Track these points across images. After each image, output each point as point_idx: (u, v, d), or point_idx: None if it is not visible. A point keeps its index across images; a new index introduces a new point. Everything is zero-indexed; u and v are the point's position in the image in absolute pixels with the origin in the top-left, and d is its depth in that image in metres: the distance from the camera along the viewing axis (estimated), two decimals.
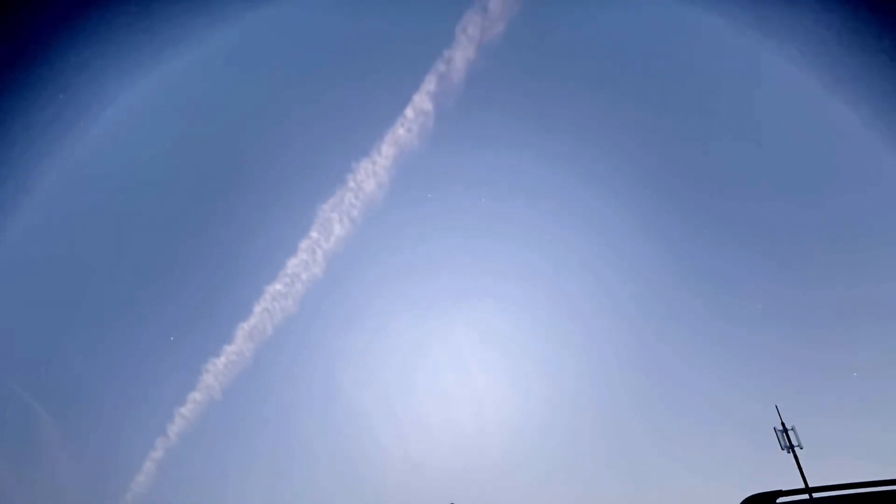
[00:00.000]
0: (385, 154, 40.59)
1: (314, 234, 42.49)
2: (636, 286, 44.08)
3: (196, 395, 40.41)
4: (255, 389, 47.42)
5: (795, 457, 21.52)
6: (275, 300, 42.56)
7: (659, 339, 42.83)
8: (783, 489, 3.55)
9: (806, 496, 3.55)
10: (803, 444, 21.74)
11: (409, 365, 48.79)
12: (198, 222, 47.75)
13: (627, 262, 44.87)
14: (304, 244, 43.07)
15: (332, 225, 42.28)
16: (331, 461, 46.74)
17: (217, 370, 40.81)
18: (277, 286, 42.81)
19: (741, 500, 3.54)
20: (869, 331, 37.30)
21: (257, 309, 42.60)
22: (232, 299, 48.03)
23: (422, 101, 38.96)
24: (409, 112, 39.46)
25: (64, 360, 41.48)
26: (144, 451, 39.63)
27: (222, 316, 47.58)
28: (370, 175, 41.11)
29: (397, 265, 48.52)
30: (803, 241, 40.89)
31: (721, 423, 37.74)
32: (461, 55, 39.81)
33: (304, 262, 42.70)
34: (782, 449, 21.92)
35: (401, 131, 40.58)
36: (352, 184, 41.58)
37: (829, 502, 3.43)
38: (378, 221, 46.10)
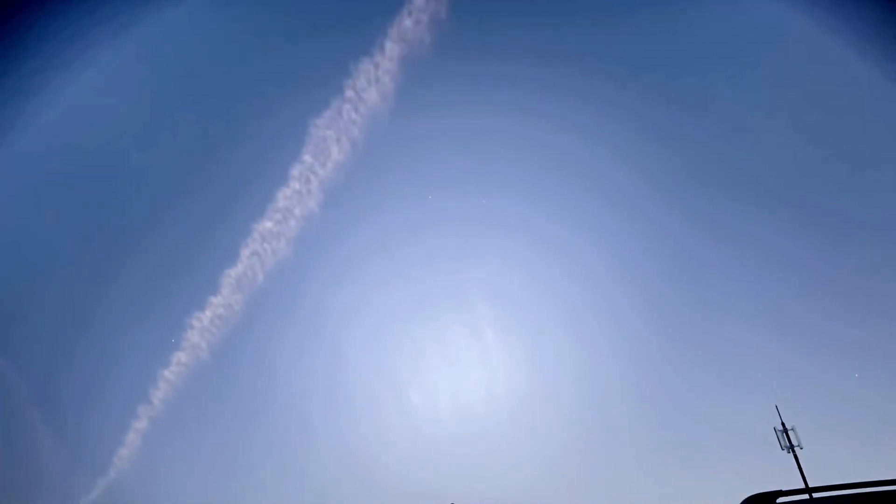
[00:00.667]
0: (389, 54, 32.49)
1: (307, 159, 34.42)
2: (636, 285, 44.09)
3: (181, 356, 34.88)
4: (245, 348, 40.89)
5: (795, 457, 21.52)
6: (264, 241, 35.27)
7: (658, 339, 42.80)
8: (783, 489, 3.55)
9: (806, 496, 3.55)
10: (803, 445, 21.77)
11: (417, 324, 42.26)
12: (170, 150, 37.63)
13: (629, 261, 44.90)
14: (295, 171, 34.87)
15: (328, 147, 34.00)
16: (330, 431, 41.51)
17: (202, 326, 34.86)
18: (267, 224, 35.44)
19: (741, 501, 3.55)
20: (870, 331, 37.32)
21: (245, 253, 35.48)
22: (215, 241, 39.91)
23: None
24: None
25: (36, 322, 36.19)
26: (127, 421, 34.59)
27: (205, 262, 39.84)
28: (371, 82, 32.96)
29: (410, 198, 39.80)
30: (805, 241, 40.90)
31: (721, 423, 37.71)
32: None
33: (296, 194, 34.89)
34: (782, 449, 21.93)
35: (407, 22, 32.34)
36: (350, 93, 33.56)
37: (829, 502, 3.44)
38: (384, 142, 36.31)
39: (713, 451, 36.01)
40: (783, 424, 22.09)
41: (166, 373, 34.78)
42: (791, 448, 21.69)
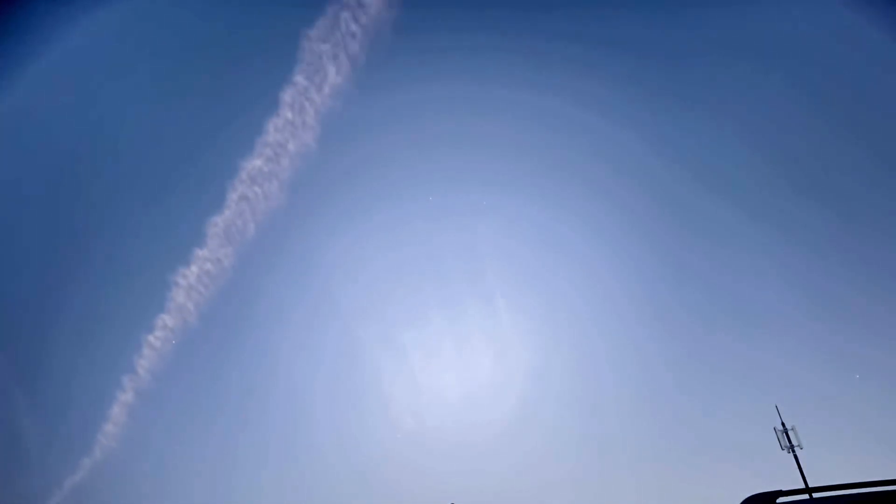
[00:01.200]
0: None
1: (300, 81, 27.97)
2: (636, 285, 44.09)
3: (166, 319, 30.84)
4: (237, 310, 36.33)
5: (795, 457, 21.52)
6: (254, 183, 29.97)
7: (659, 341, 42.80)
8: (783, 489, 3.55)
9: (806, 496, 3.55)
10: (803, 445, 21.77)
11: (424, 288, 37.47)
12: (143, 76, 30.75)
13: (629, 261, 44.91)
14: (287, 96, 28.52)
15: (323, 66, 27.32)
16: (330, 401, 38.38)
17: (189, 284, 30.61)
18: (256, 162, 29.85)
19: (741, 501, 3.54)
20: (873, 332, 37.33)
21: (232, 197, 30.20)
22: (198, 183, 34.06)
23: None
24: None
25: (8, 289, 32.61)
26: (111, 393, 31.19)
27: (188, 208, 35.03)
28: None
29: (421, 131, 33.18)
30: (807, 242, 40.90)
31: (722, 423, 37.68)
32: None
33: (289, 126, 28.83)
34: (782, 449, 21.93)
35: None
36: None
37: (829, 502, 3.43)
38: (391, 60, 29.40)
39: (713, 451, 36.01)
40: (783, 424, 22.09)
41: (151, 338, 30.99)
42: (791, 448, 21.70)
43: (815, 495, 3.53)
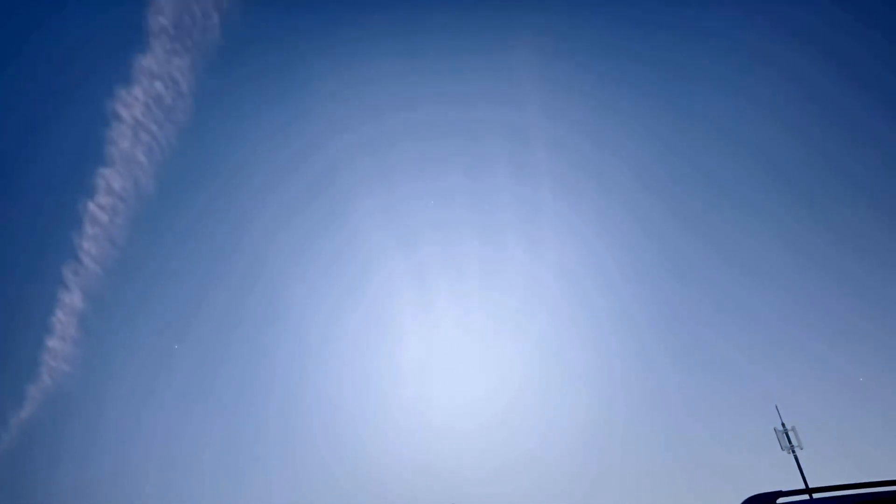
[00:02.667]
0: None
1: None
2: (636, 285, 44.04)
3: (108, 177, 19.17)
4: (200, 163, 24.59)
5: (795, 457, 21.50)
6: None
7: (658, 340, 42.78)
8: (783, 489, 3.54)
9: (806, 496, 3.54)
10: (803, 445, 21.74)
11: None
12: None
13: (630, 261, 44.86)
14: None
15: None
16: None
17: (134, 119, 19.40)
18: None
19: (741, 501, 3.54)
20: (876, 334, 37.33)
21: None
22: None
23: None
24: None
25: None
26: (49, 291, 20.01)
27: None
28: None
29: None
30: (809, 242, 40.86)
31: (722, 423, 37.67)
32: None
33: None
34: (782, 449, 21.90)
35: None
36: None
37: (829, 502, 3.43)
38: None
39: (713, 451, 35.99)
40: (783, 425, 22.06)
41: (93, 207, 20.41)
42: (791, 448, 21.67)
43: (815, 495, 3.53)
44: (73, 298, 18.39)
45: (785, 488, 3.52)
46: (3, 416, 19.95)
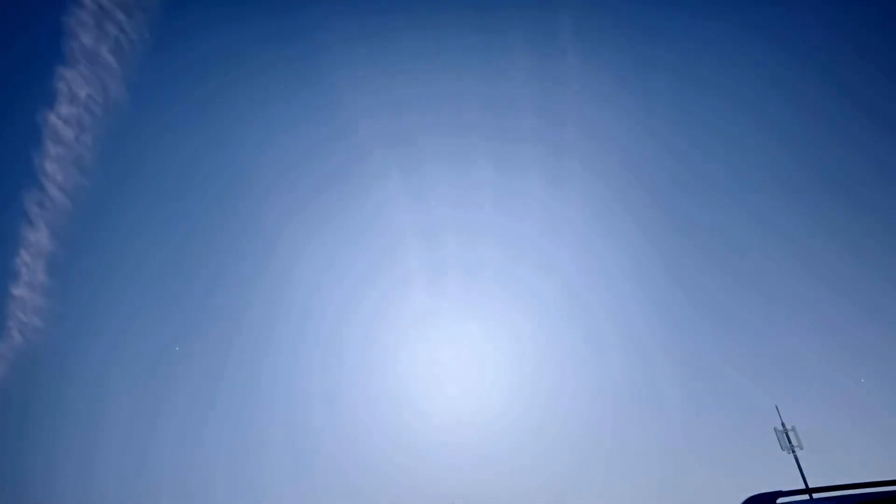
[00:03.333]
0: None
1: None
2: (637, 285, 44.05)
3: (72, 79, 16.52)
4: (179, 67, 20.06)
5: (795, 457, 21.48)
6: None
7: (658, 340, 42.76)
8: (783, 489, 3.53)
9: (806, 496, 3.54)
10: (804, 445, 21.72)
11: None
12: None
13: (631, 261, 44.88)
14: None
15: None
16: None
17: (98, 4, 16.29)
18: None
19: (741, 501, 3.53)
20: (874, 333, 37.33)
21: None
22: None
23: None
24: None
25: None
26: (11, 231, 17.21)
27: None
28: None
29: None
30: (810, 242, 40.88)
31: (722, 423, 37.66)
32: None
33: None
34: (782, 449, 21.87)
35: None
36: None
37: (829, 503, 3.42)
38: None
39: (713, 451, 35.99)
40: (783, 425, 22.03)
41: (54, 119, 16.95)
42: (791, 448, 21.64)
43: (815, 496, 3.52)
44: (38, 236, 15.80)
45: (785, 488, 3.52)
46: None
